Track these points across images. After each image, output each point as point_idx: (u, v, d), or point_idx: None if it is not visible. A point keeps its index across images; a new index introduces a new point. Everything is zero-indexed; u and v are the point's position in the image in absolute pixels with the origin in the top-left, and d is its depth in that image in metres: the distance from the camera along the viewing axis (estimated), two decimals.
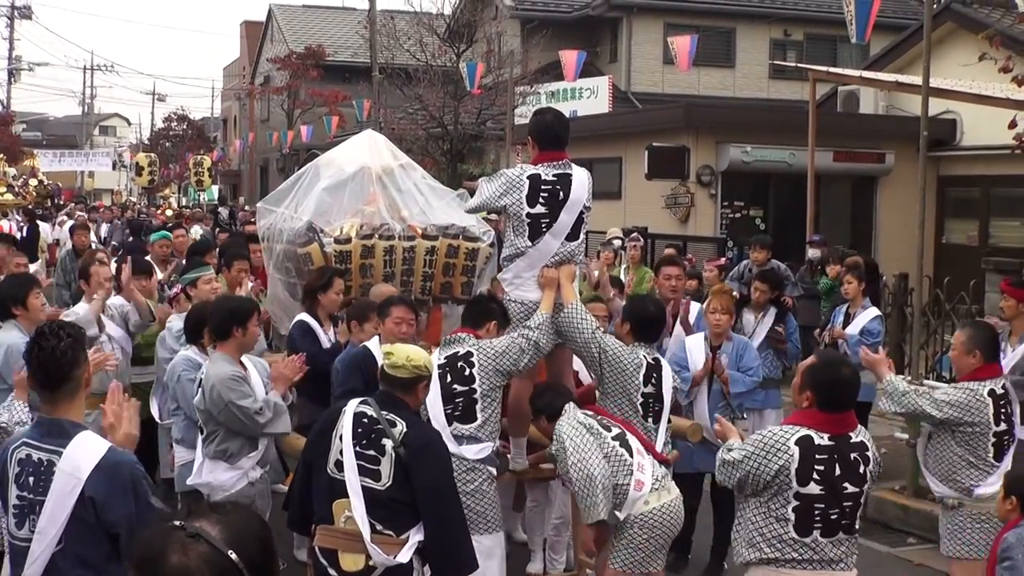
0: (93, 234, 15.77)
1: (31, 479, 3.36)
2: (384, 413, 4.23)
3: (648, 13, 25.69)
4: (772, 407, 7.16)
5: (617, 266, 10.86)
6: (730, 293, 7.22)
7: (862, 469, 4.03)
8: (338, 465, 4.21)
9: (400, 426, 4.19)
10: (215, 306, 5.66)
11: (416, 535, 4.19)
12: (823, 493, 3.97)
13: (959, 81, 13.63)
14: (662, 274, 7.35)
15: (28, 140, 49.16)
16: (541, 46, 21.30)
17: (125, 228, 20.03)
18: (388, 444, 4.16)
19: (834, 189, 17.50)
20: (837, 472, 3.98)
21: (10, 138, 40.44)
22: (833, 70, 17.09)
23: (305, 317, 6.51)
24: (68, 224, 17.92)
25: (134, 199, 45.66)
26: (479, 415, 5.12)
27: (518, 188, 5.20)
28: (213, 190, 42.02)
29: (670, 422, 5.50)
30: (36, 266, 12.41)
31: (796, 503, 3.98)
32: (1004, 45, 10.26)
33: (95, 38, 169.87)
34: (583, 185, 5.27)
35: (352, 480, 4.16)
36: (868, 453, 4.08)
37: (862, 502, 4.11)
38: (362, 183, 7.32)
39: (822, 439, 3.98)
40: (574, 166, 5.32)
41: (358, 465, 4.17)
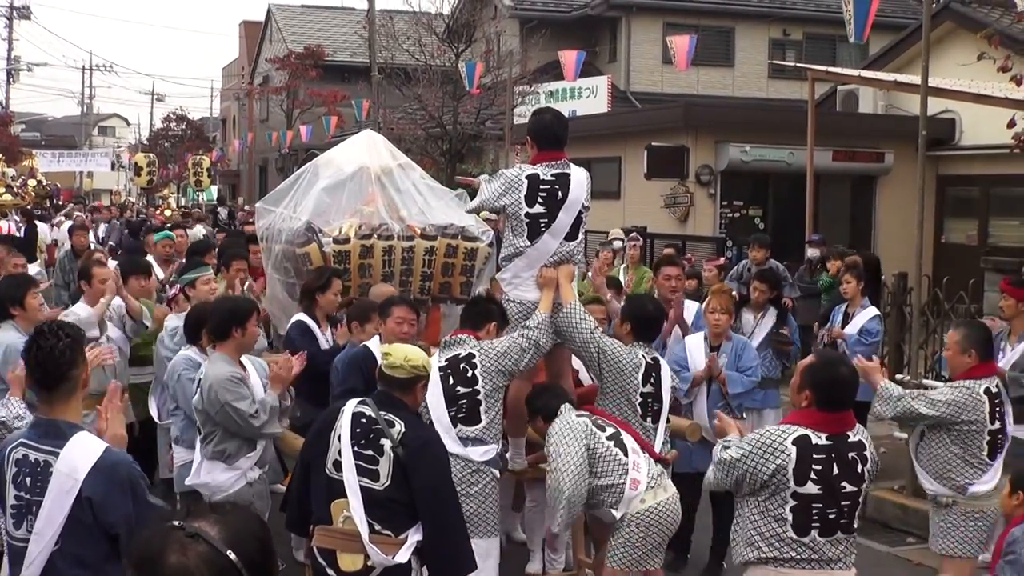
0: (92, 234, 15.75)
1: (28, 480, 3.36)
2: (382, 413, 4.22)
3: (647, 13, 25.70)
4: (771, 407, 7.17)
5: (616, 266, 10.86)
6: (729, 293, 7.21)
7: (860, 468, 4.03)
8: (336, 465, 4.21)
9: (398, 426, 4.19)
10: (214, 307, 5.66)
11: (415, 535, 4.19)
12: (821, 493, 3.97)
13: (958, 80, 13.61)
14: (661, 274, 7.34)
15: (27, 140, 49.14)
16: (540, 46, 21.29)
17: (123, 228, 19.99)
18: (386, 444, 4.16)
19: (833, 189, 17.48)
20: (835, 472, 3.97)
21: (9, 138, 40.45)
22: (832, 69, 17.06)
23: (303, 317, 6.50)
24: (67, 225, 17.89)
25: (133, 199, 45.57)
26: (483, 416, 5.12)
27: (517, 188, 5.19)
28: (212, 190, 41.96)
29: (669, 422, 5.51)
30: (35, 267, 12.38)
31: (794, 503, 3.97)
32: (1003, 44, 10.27)
33: (94, 38, 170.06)
34: (582, 185, 5.27)
35: (350, 480, 4.16)
36: (866, 452, 4.07)
37: (860, 501, 4.11)
38: (361, 183, 7.31)
39: (820, 439, 3.98)
40: (572, 166, 5.32)
41: (356, 465, 4.17)
